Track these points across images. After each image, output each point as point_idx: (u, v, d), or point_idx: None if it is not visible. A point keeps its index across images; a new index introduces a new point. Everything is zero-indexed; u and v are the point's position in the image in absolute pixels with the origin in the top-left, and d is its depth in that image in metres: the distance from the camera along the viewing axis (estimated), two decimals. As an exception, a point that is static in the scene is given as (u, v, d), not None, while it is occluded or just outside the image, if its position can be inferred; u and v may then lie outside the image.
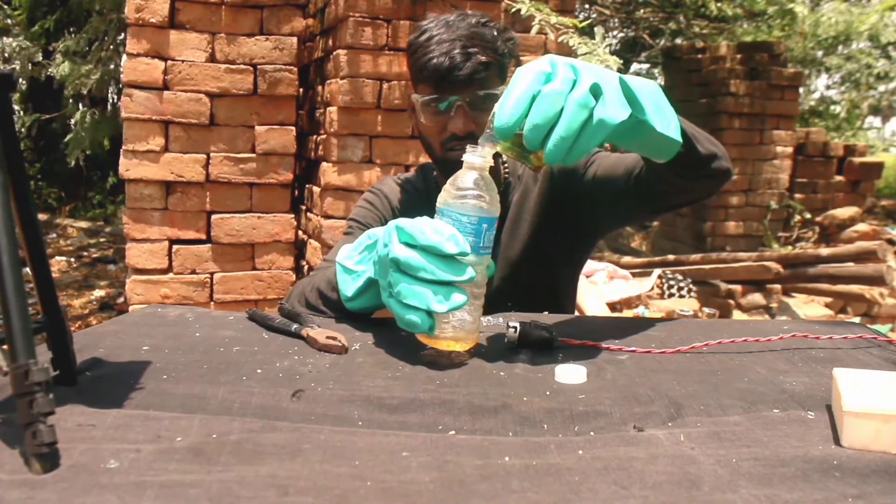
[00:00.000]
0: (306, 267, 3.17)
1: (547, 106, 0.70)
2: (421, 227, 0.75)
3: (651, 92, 0.82)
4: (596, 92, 0.71)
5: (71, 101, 5.50)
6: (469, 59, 1.14)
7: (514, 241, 1.29)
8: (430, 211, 1.46)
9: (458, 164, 1.18)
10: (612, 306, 4.10)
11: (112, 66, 4.52)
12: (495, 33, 1.20)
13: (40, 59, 4.85)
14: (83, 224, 6.87)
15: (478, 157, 0.78)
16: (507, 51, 1.21)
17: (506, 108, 0.71)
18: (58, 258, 5.53)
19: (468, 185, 0.78)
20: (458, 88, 1.16)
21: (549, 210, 1.29)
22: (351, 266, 0.92)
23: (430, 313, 0.76)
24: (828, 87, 11.11)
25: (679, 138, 0.88)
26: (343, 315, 0.98)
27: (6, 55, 4.83)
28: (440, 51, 1.15)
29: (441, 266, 0.74)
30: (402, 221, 0.77)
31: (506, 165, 1.34)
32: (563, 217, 1.28)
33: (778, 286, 4.64)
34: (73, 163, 4.91)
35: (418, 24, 1.23)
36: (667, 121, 0.84)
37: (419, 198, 1.35)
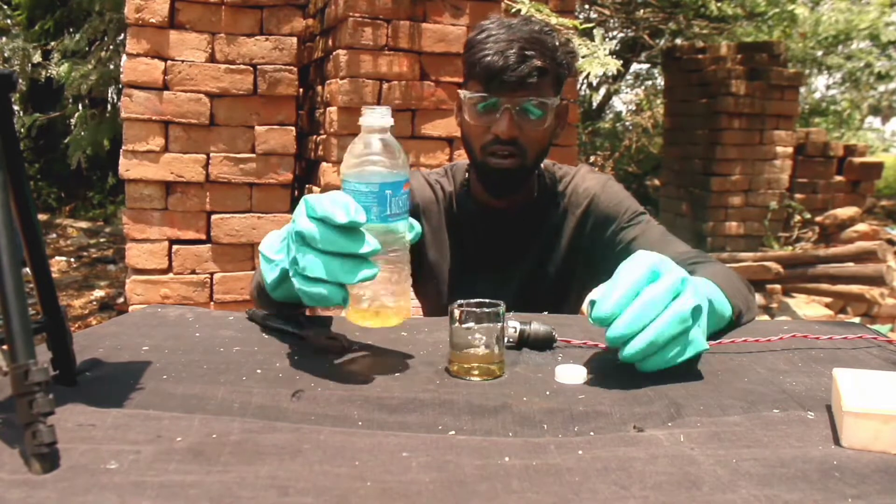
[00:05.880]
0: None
1: (646, 308, 0.71)
2: (320, 198, 0.70)
3: (714, 319, 0.87)
4: (695, 314, 0.74)
5: (71, 101, 5.50)
6: (524, 62, 1.10)
7: (539, 276, 1.28)
8: (454, 213, 1.44)
9: (495, 171, 1.19)
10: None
11: (112, 67, 4.52)
12: (556, 43, 1.16)
13: (39, 59, 4.84)
14: (83, 224, 6.87)
15: (376, 119, 0.73)
16: (565, 62, 1.17)
17: (609, 300, 0.72)
18: (58, 258, 5.52)
19: (364, 151, 0.72)
20: (508, 90, 1.12)
21: (579, 251, 1.28)
22: (272, 256, 0.86)
23: (341, 285, 0.71)
24: (828, 88, 11.11)
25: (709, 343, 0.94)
26: (277, 307, 0.95)
27: (5, 55, 4.82)
28: (496, 49, 1.11)
29: (340, 237, 0.69)
30: (311, 196, 0.73)
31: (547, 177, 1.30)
32: (589, 258, 1.27)
33: (778, 286, 4.64)
34: (73, 164, 4.91)
35: (479, 23, 1.20)
36: (716, 332, 0.90)
37: (445, 199, 1.32)
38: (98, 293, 4.75)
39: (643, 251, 0.77)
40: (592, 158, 8.84)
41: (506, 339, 0.84)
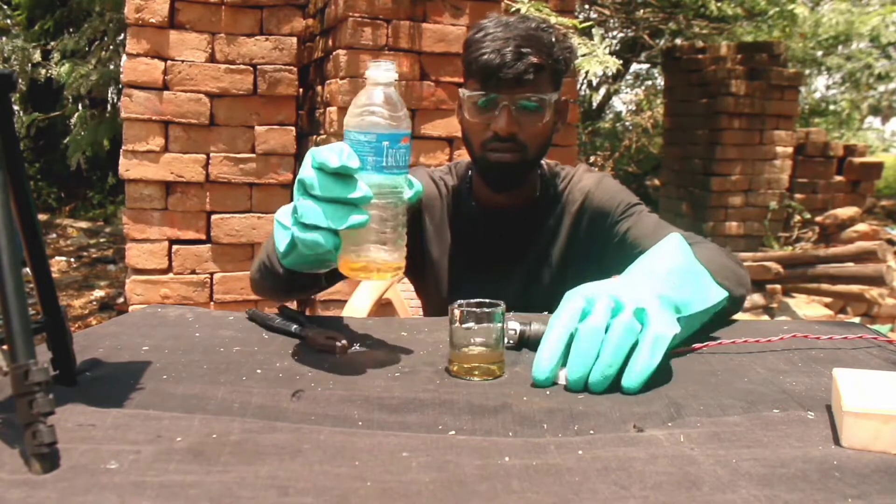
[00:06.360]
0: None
1: (586, 343, 0.71)
2: (321, 148, 0.72)
3: (691, 282, 0.86)
4: (640, 316, 0.73)
5: (71, 101, 5.50)
6: (520, 59, 1.12)
7: (539, 276, 1.29)
8: (456, 210, 1.44)
9: (495, 165, 1.20)
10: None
11: (112, 67, 4.51)
12: (553, 39, 1.18)
13: (39, 59, 4.84)
14: (83, 224, 6.86)
15: (380, 73, 0.74)
16: (563, 58, 1.19)
17: (542, 358, 0.72)
18: (58, 258, 5.52)
19: (366, 103, 0.74)
20: (506, 87, 1.13)
21: (576, 249, 1.28)
22: (286, 223, 0.83)
23: (335, 232, 0.72)
24: (828, 88, 11.10)
25: (723, 293, 0.93)
26: (284, 285, 0.96)
27: (5, 55, 4.82)
28: (493, 47, 1.13)
29: (334, 183, 0.71)
30: (315, 147, 0.74)
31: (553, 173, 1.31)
32: (587, 256, 1.27)
33: (778, 286, 4.64)
34: (73, 164, 4.91)
35: (477, 22, 1.21)
36: (707, 295, 0.89)
37: (449, 196, 1.32)
38: (98, 293, 4.75)
39: (570, 291, 0.77)
40: (592, 158, 8.84)
41: (506, 340, 0.84)
